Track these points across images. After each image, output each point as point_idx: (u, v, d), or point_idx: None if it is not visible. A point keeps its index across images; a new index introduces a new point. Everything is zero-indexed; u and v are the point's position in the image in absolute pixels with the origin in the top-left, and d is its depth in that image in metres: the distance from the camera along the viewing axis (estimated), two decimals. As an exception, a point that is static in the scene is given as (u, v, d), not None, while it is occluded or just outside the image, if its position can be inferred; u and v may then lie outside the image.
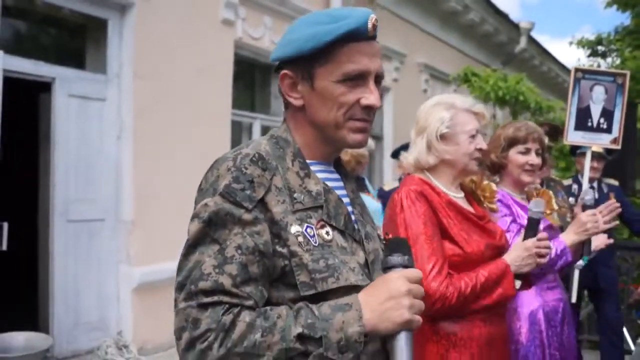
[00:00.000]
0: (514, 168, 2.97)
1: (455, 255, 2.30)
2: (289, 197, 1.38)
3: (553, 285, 3.01)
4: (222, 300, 1.27)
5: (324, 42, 1.37)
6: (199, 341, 1.24)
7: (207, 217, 1.31)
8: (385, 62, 9.22)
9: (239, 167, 1.35)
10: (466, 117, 2.40)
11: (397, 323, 1.30)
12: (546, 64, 14.35)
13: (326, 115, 1.43)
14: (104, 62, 5.35)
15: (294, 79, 1.45)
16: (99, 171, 5.25)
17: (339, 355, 1.26)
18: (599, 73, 4.82)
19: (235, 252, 1.30)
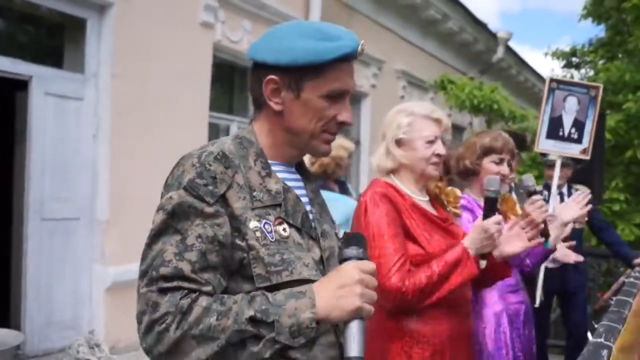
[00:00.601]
0: (486, 176, 3.03)
1: (417, 255, 2.38)
2: (249, 195, 1.46)
3: (514, 288, 3.11)
4: (181, 285, 1.33)
5: (325, 59, 1.47)
6: (157, 323, 1.30)
7: (171, 208, 1.38)
8: (363, 68, 9.35)
9: (203, 164, 1.43)
10: (424, 123, 2.49)
11: (348, 310, 1.36)
12: (523, 74, 14.59)
13: (305, 125, 1.53)
14: (82, 61, 5.39)
15: (279, 85, 1.52)
16: (75, 170, 5.29)
17: (290, 339, 1.32)
18: (573, 84, 4.98)
19: (196, 241, 1.37)
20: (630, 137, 8.61)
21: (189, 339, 1.30)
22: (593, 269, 6.99)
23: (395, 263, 2.30)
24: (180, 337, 1.30)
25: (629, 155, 8.59)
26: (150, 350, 1.33)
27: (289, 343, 1.32)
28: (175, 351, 1.30)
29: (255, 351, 1.31)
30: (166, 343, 1.30)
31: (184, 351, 1.30)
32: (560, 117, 4.71)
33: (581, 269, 5.42)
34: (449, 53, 12.01)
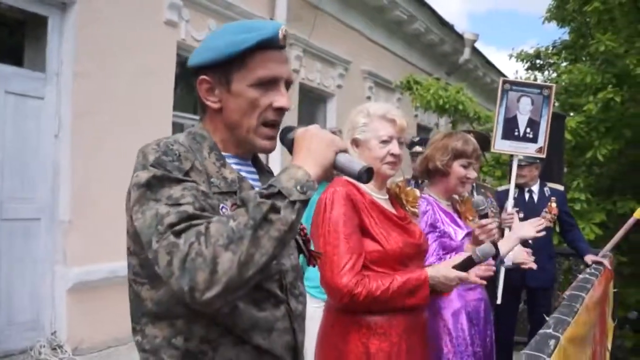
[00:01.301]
0: (454, 178, 3.19)
1: (375, 252, 2.46)
2: (207, 180, 1.52)
3: (473, 286, 3.14)
4: (191, 224, 1.36)
5: (241, 49, 1.54)
6: (188, 257, 1.32)
7: (145, 181, 1.43)
8: (329, 68, 9.44)
9: (165, 145, 1.49)
10: (380, 123, 2.58)
11: (327, 149, 1.50)
12: (489, 75, 14.83)
13: (240, 118, 1.59)
14: (43, 59, 5.38)
15: (212, 83, 1.60)
16: (36, 170, 5.27)
17: (302, 195, 1.38)
18: (526, 85, 5.14)
19: (183, 192, 1.42)
20: (590, 138, 8.76)
21: (221, 251, 1.31)
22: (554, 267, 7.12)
23: (347, 262, 2.38)
24: (213, 253, 1.30)
25: (589, 156, 8.74)
26: (196, 287, 1.31)
27: (303, 198, 1.38)
28: (215, 269, 1.30)
29: (281, 217, 1.35)
30: (205, 266, 1.30)
31: (221, 263, 1.31)
32: (515, 117, 4.86)
33: (546, 267, 5.49)
34: (415, 54, 12.15)
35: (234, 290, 1.34)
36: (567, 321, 2.47)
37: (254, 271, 1.33)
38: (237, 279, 1.32)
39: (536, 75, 11.15)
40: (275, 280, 1.64)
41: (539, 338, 2.10)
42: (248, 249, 1.31)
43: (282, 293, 1.66)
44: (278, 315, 1.62)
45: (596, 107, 8.61)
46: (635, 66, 8.31)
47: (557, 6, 10.60)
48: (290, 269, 1.72)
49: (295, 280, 1.74)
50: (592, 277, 4.03)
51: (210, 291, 1.31)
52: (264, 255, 1.33)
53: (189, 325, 1.52)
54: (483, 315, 3.18)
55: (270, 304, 1.61)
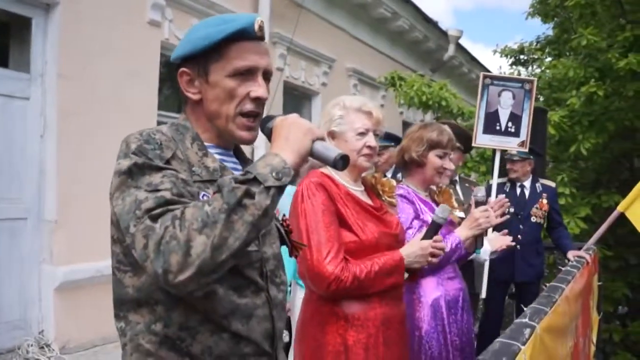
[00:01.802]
0: (430, 169, 3.26)
1: (351, 242, 2.54)
2: (188, 169, 1.59)
3: (452, 275, 3.28)
4: (168, 208, 1.42)
5: (216, 40, 1.61)
6: (162, 239, 1.37)
7: (127, 168, 1.49)
8: (314, 66, 9.57)
9: (147, 134, 1.57)
10: (356, 116, 2.66)
11: (304, 137, 1.54)
12: (474, 72, 14.98)
13: (219, 108, 1.66)
14: (27, 60, 5.47)
15: (191, 75, 1.68)
16: (22, 170, 5.38)
17: (278, 181, 1.43)
18: (507, 79, 5.28)
19: (162, 179, 1.49)
20: (574, 132, 8.90)
21: (195, 234, 1.35)
22: None
23: (330, 251, 2.45)
24: (187, 236, 1.35)
25: (573, 150, 8.88)
26: (170, 269, 1.36)
27: (278, 184, 1.43)
28: (189, 252, 1.35)
29: (255, 202, 1.39)
30: (179, 249, 1.35)
31: (195, 247, 1.35)
32: (496, 112, 4.99)
33: (533, 262, 5.66)
34: (400, 51, 12.29)
35: (208, 274, 1.38)
36: (545, 311, 2.51)
37: (227, 255, 1.38)
38: (210, 262, 1.36)
39: (520, 70, 11.30)
40: (256, 268, 1.69)
41: (514, 327, 2.14)
42: (221, 232, 1.36)
43: (263, 281, 1.71)
44: (258, 302, 1.67)
45: (579, 101, 8.77)
46: (617, 60, 8.45)
47: (540, 1, 10.74)
48: (271, 257, 1.77)
49: (276, 269, 1.79)
50: (574, 270, 4.08)
51: (184, 273, 1.35)
52: (238, 240, 1.38)
53: (168, 312, 1.57)
54: (461, 304, 3.24)
55: (250, 291, 1.66)
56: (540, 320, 2.31)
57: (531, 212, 5.58)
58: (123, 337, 1.63)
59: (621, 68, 8.39)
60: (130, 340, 1.61)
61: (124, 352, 1.64)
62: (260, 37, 1.67)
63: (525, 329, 2.11)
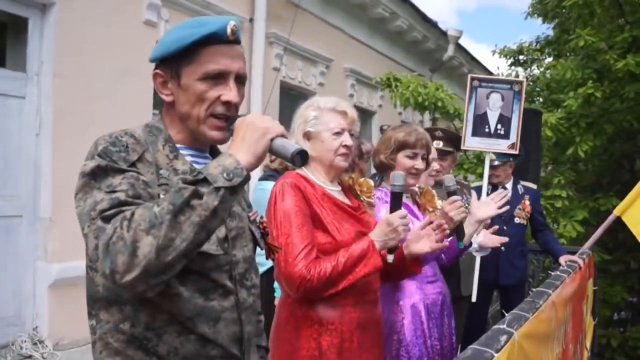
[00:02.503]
0: (400, 170, 3.18)
1: (327, 243, 2.55)
2: (155, 172, 1.63)
3: (433, 279, 3.30)
4: (121, 209, 1.45)
5: (186, 43, 1.64)
6: (110, 240, 1.40)
7: (90, 170, 1.54)
8: (311, 66, 9.71)
9: (115, 137, 1.62)
10: (331, 116, 2.69)
11: (261, 137, 1.55)
12: (475, 72, 15.10)
13: (190, 110, 1.69)
14: (23, 60, 5.64)
15: (165, 77, 1.73)
16: (17, 168, 5.54)
17: (228, 182, 1.45)
18: (495, 81, 5.31)
19: (122, 180, 1.52)
20: (571, 134, 8.96)
21: (142, 235, 1.38)
22: (533, 265, 7.26)
23: (301, 251, 2.45)
24: (133, 237, 1.38)
25: (570, 152, 8.94)
26: (116, 269, 1.39)
27: (228, 185, 1.45)
28: (135, 253, 1.38)
29: (202, 203, 1.41)
30: (125, 249, 1.38)
31: (141, 247, 1.38)
32: (485, 114, 5.03)
33: (518, 265, 5.69)
34: (398, 51, 12.41)
35: (155, 274, 1.41)
36: (526, 317, 2.46)
37: (174, 256, 1.40)
38: (156, 262, 1.38)
39: (518, 71, 11.38)
40: (225, 271, 1.71)
41: (490, 333, 2.10)
42: (167, 233, 1.38)
43: (232, 284, 1.72)
44: (226, 305, 1.69)
45: (576, 102, 8.81)
46: (615, 61, 8.49)
47: (539, 1, 10.82)
48: (241, 260, 1.78)
49: (247, 272, 1.80)
50: (563, 275, 4.00)
51: (130, 274, 1.38)
52: (185, 241, 1.40)
53: (135, 312, 1.60)
54: (440, 308, 3.26)
55: (217, 294, 1.68)
56: (519, 327, 2.27)
57: (514, 213, 5.60)
58: (93, 335, 1.67)
59: (619, 69, 8.42)
60: (99, 339, 1.65)
61: (93, 349, 1.68)
62: (233, 40, 1.70)
63: (502, 335, 2.07)
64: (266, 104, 8.47)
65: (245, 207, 1.93)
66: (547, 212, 8.40)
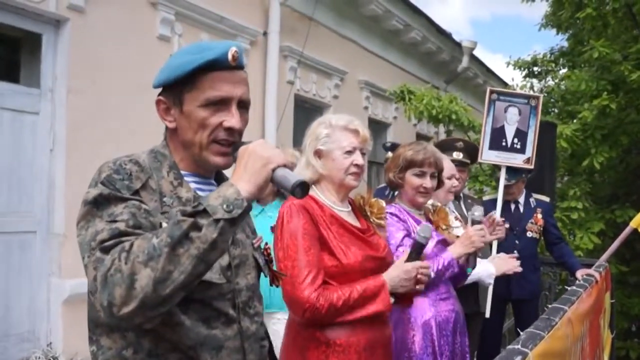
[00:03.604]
0: (409, 189, 3.25)
1: (333, 266, 2.51)
2: (159, 200, 1.61)
3: (445, 296, 3.26)
4: (121, 240, 1.43)
5: (187, 70, 1.63)
6: (108, 272, 1.38)
7: (92, 198, 1.52)
8: (325, 79, 9.68)
9: (119, 164, 1.60)
10: (343, 134, 2.65)
11: (262, 167, 1.52)
12: (490, 83, 15.01)
13: (192, 137, 1.68)
14: (37, 76, 5.63)
15: (167, 104, 1.72)
16: (31, 184, 5.53)
17: (227, 214, 1.41)
18: (513, 95, 5.30)
19: (124, 210, 1.51)
20: (587, 145, 8.87)
21: (140, 267, 1.36)
22: (549, 278, 7.14)
23: (307, 275, 2.42)
24: (131, 269, 1.36)
25: (586, 164, 8.85)
26: (113, 302, 1.37)
27: (227, 217, 1.41)
28: (132, 286, 1.36)
29: (201, 235, 1.39)
30: (122, 282, 1.36)
31: (139, 280, 1.36)
32: (502, 127, 5.01)
33: (531, 278, 5.59)
34: (413, 63, 12.36)
35: (153, 307, 1.39)
36: (541, 336, 2.41)
37: (172, 289, 1.38)
38: (153, 295, 1.36)
39: (533, 83, 11.30)
40: (228, 300, 1.69)
41: (504, 354, 2.07)
42: (164, 266, 1.36)
43: (235, 312, 1.71)
44: (229, 334, 1.68)
45: (591, 114, 8.74)
46: (630, 72, 8.43)
47: (553, 13, 10.76)
48: (244, 288, 1.76)
49: (250, 300, 1.78)
50: (579, 290, 3.93)
51: (127, 306, 1.36)
52: (183, 274, 1.38)
53: (138, 339, 1.58)
54: (452, 326, 3.21)
55: (220, 322, 1.66)
56: (534, 346, 2.24)
57: (527, 227, 5.53)
58: None
59: (634, 80, 8.36)
60: None
61: None
62: (235, 66, 1.68)
63: (517, 356, 2.05)
64: (280, 117, 8.43)
65: (250, 234, 1.90)
66: (563, 224, 8.34)
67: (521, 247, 5.43)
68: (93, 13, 5.86)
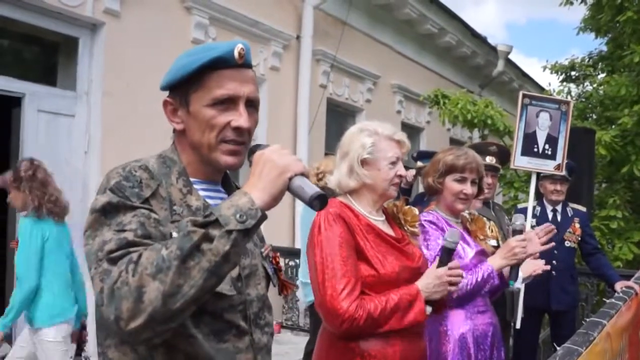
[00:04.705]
0: (449, 195, 3.15)
1: (370, 276, 2.45)
2: (169, 208, 1.56)
3: (483, 309, 3.16)
4: (129, 251, 1.37)
5: (191, 69, 1.59)
6: (115, 284, 1.32)
7: (101, 206, 1.45)
8: (358, 83, 9.70)
9: (128, 171, 1.54)
10: (388, 144, 2.58)
11: (278, 176, 1.45)
12: (526, 87, 14.88)
13: (200, 137, 1.62)
14: (74, 79, 5.75)
15: (175, 105, 1.67)
16: (66, 185, 5.59)
17: (240, 224, 1.35)
18: (545, 100, 5.19)
19: (132, 219, 1.44)
20: (627, 152, 8.73)
21: (149, 280, 1.30)
22: (586, 288, 7.00)
23: (345, 286, 2.37)
24: (138, 281, 1.30)
25: (625, 171, 8.71)
26: (120, 316, 1.31)
27: (241, 227, 1.35)
28: (140, 299, 1.30)
29: (213, 247, 1.33)
30: (130, 295, 1.30)
31: (148, 293, 1.30)
32: (534, 133, 4.90)
33: (569, 290, 5.48)
34: (447, 67, 12.33)
35: (162, 322, 1.33)
36: (579, 352, 2.35)
37: (182, 303, 1.32)
38: (162, 309, 1.31)
39: (570, 87, 11.10)
40: (239, 311, 1.64)
41: None
42: (174, 279, 1.30)
43: (246, 324, 1.66)
44: (241, 346, 1.63)
45: (631, 120, 8.56)
46: (672, 77, 8.28)
47: (592, 16, 10.58)
48: (255, 299, 1.71)
49: (260, 311, 1.74)
50: (619, 303, 3.81)
51: (135, 321, 1.30)
52: (193, 287, 1.32)
53: (150, 352, 1.52)
54: (490, 340, 3.14)
55: (232, 335, 1.61)
56: None
57: (564, 237, 5.40)
58: None
59: (677, 86, 8.17)
60: None
61: None
62: (242, 64, 1.64)
63: None
64: (312, 121, 8.48)
65: (258, 242, 1.85)
66: (602, 233, 8.19)
67: (559, 257, 5.29)
68: (128, 17, 5.97)
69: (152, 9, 6.22)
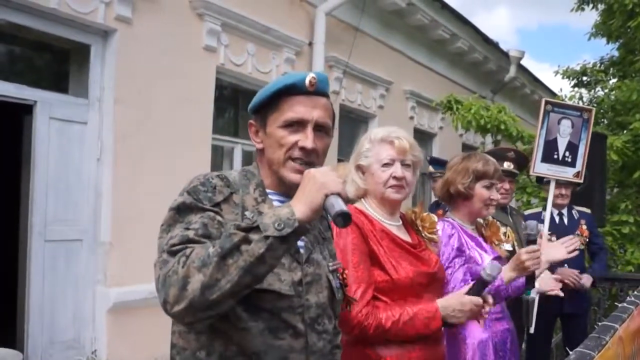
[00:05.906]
0: (477, 201, 3.17)
1: (383, 282, 2.45)
2: (240, 213, 1.74)
3: (500, 316, 3.17)
4: (187, 246, 1.56)
5: (269, 94, 1.81)
6: (167, 274, 1.52)
7: (176, 205, 1.68)
8: (370, 89, 9.56)
9: (207, 178, 1.76)
10: (380, 147, 2.56)
11: (317, 192, 1.58)
12: (537, 93, 14.70)
13: (272, 154, 1.83)
14: (86, 86, 5.64)
15: (256, 127, 1.89)
16: (79, 193, 5.53)
17: (277, 232, 1.50)
18: (567, 107, 5.12)
19: (198, 219, 1.64)
20: (638, 157, 8.58)
21: (193, 271, 1.48)
22: (599, 293, 6.88)
23: (355, 291, 2.35)
24: (185, 272, 1.49)
25: (637, 176, 8.57)
26: (167, 300, 1.50)
27: (277, 234, 1.50)
28: (185, 287, 1.48)
29: (249, 249, 1.49)
30: (177, 283, 1.49)
31: (192, 283, 1.47)
32: (555, 140, 4.81)
33: (582, 292, 5.45)
34: (459, 73, 12.16)
35: (201, 309, 1.50)
36: (591, 356, 2.31)
37: (218, 295, 1.48)
38: (201, 298, 1.47)
39: (582, 93, 10.95)
40: (298, 313, 1.78)
41: None
42: (213, 273, 1.47)
43: (303, 326, 1.79)
44: (295, 346, 1.75)
45: (643, 125, 8.44)
46: (683, 83, 8.14)
47: (603, 22, 10.43)
48: (314, 305, 1.83)
49: (319, 317, 1.85)
50: (631, 306, 3.67)
51: (178, 305, 1.49)
52: (229, 282, 1.48)
53: (210, 341, 1.71)
54: (509, 346, 3.14)
55: (287, 334, 1.75)
56: None
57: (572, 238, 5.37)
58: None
59: (688, 91, 8.03)
60: None
61: None
62: (314, 92, 1.82)
63: None
64: (325, 127, 8.31)
65: (328, 256, 1.98)
66: (614, 238, 8.10)
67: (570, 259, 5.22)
68: (140, 24, 5.85)
69: (164, 15, 6.09)
